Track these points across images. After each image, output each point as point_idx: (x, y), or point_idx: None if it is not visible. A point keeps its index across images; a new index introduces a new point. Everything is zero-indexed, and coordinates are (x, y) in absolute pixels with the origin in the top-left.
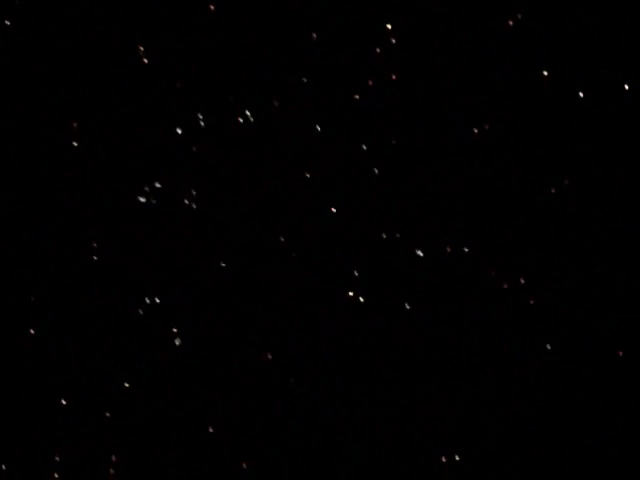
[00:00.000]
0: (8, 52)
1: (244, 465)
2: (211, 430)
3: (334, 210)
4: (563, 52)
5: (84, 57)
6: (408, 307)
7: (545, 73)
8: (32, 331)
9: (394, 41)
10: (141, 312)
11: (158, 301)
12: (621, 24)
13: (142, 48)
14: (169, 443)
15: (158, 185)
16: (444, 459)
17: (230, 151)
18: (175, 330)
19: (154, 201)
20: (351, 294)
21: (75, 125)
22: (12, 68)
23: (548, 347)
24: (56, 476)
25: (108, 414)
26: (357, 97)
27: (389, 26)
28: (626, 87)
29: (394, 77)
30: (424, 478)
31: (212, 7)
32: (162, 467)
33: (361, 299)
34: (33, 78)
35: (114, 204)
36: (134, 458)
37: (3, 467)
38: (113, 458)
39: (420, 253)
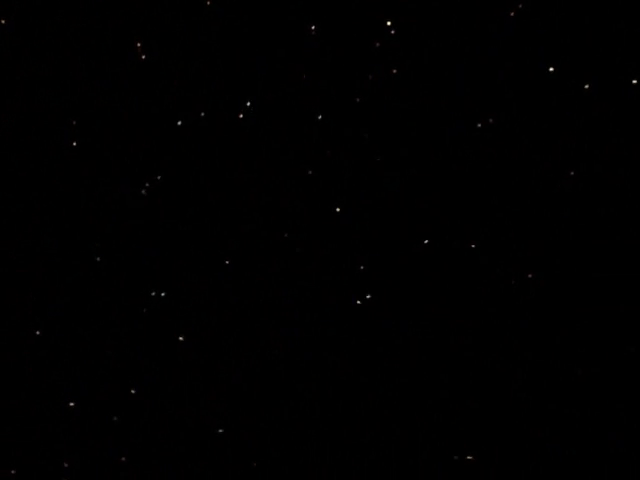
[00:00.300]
0: (6, 50)
1: (254, 464)
2: (220, 431)
3: (338, 207)
4: (566, 43)
5: (82, 56)
6: (414, 305)
7: (551, 69)
8: (37, 332)
9: (393, 33)
10: (145, 310)
11: (163, 295)
12: (626, 18)
13: (139, 44)
14: (178, 444)
15: (159, 178)
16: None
17: (232, 145)
18: (180, 328)
19: (155, 195)
20: (356, 288)
21: (74, 122)
22: (11, 65)
23: (558, 342)
24: None
25: (116, 417)
26: (357, 91)
27: (389, 23)
28: (634, 82)
29: (394, 71)
30: (435, 477)
31: (208, 2)
32: (171, 468)
33: (368, 296)
34: (32, 77)
35: (116, 199)
36: (143, 459)
37: (12, 472)
38: (122, 459)
39: (426, 250)
